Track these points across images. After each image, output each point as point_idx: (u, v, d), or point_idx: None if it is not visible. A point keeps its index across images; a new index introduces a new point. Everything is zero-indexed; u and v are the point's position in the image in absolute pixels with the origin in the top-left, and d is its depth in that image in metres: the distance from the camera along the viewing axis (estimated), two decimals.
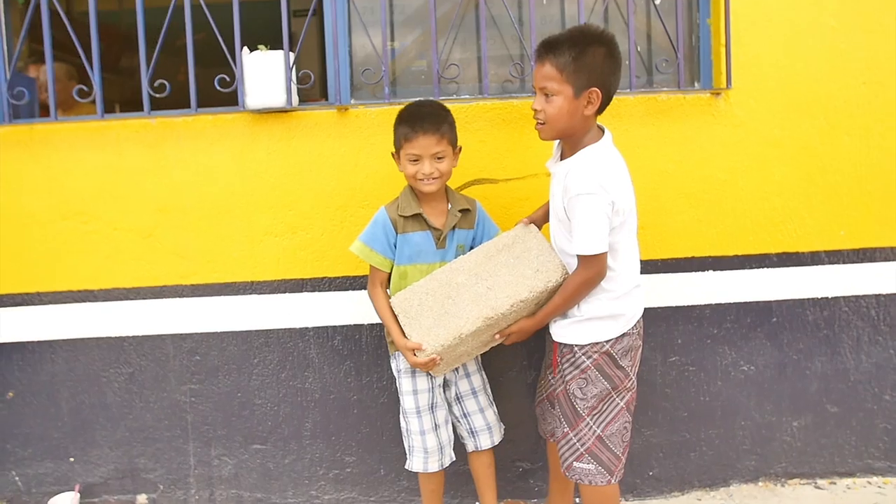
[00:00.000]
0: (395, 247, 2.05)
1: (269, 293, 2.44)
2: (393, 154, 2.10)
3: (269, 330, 2.46)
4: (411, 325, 1.96)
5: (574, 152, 1.89)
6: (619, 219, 1.85)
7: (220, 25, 2.33)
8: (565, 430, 1.97)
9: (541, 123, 1.88)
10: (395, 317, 2.00)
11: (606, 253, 1.84)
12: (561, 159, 1.95)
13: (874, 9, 2.43)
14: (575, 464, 1.95)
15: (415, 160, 2.00)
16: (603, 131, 1.93)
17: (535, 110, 1.87)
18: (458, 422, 2.19)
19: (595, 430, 1.92)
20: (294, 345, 2.46)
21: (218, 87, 2.34)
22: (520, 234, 2.02)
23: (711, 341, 2.50)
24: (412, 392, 2.11)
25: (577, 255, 1.85)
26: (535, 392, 2.29)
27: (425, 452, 2.10)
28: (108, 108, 2.46)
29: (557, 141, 1.99)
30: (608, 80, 1.85)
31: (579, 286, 1.87)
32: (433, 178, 2.01)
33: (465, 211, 2.10)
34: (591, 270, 1.85)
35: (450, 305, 1.94)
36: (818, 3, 2.42)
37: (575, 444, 1.94)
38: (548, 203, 2.12)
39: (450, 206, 2.09)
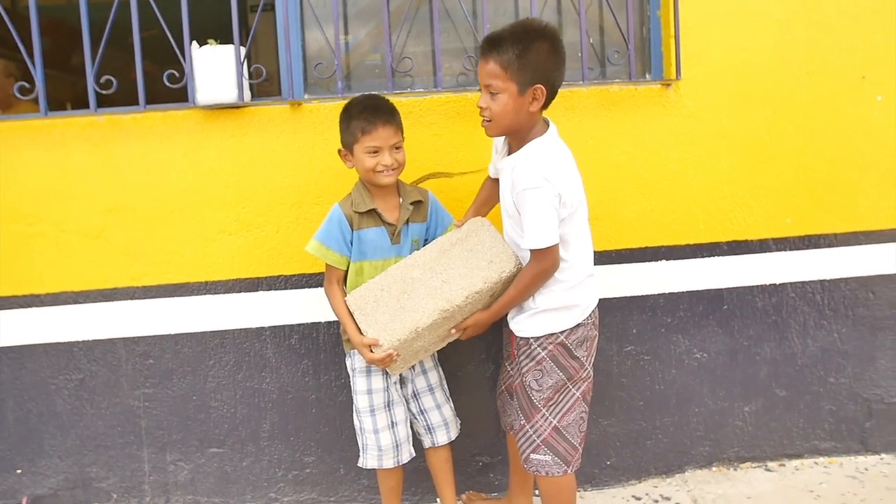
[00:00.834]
0: (352, 244, 2.04)
1: (224, 293, 2.40)
2: (340, 151, 2.07)
3: (225, 330, 2.41)
4: (367, 321, 1.95)
5: (520, 147, 1.90)
6: (567, 210, 1.86)
7: (173, 21, 2.27)
8: (522, 422, 1.99)
9: (487, 121, 1.88)
10: (352, 314, 1.99)
11: (558, 245, 1.85)
12: (508, 154, 1.96)
13: (816, 1, 2.50)
14: (532, 455, 1.97)
15: (374, 152, 1.98)
16: (548, 124, 1.94)
17: (481, 108, 1.87)
18: (415, 418, 2.19)
19: (551, 422, 1.94)
20: (250, 345, 2.42)
21: (167, 83, 2.28)
22: (473, 227, 2.03)
23: (665, 330, 2.55)
24: (366, 391, 2.11)
25: (530, 249, 1.87)
26: (494, 386, 2.31)
27: (379, 450, 2.09)
28: (59, 107, 2.39)
29: (504, 136, 1.99)
30: (552, 75, 1.86)
31: (533, 278, 1.89)
32: (392, 170, 2.01)
33: (417, 203, 2.10)
34: (544, 263, 1.86)
35: (405, 300, 1.93)
36: None
37: (531, 435, 1.96)
38: (479, 197, 2.16)
39: (401, 199, 2.09)
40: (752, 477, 2.57)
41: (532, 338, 1.95)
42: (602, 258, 2.47)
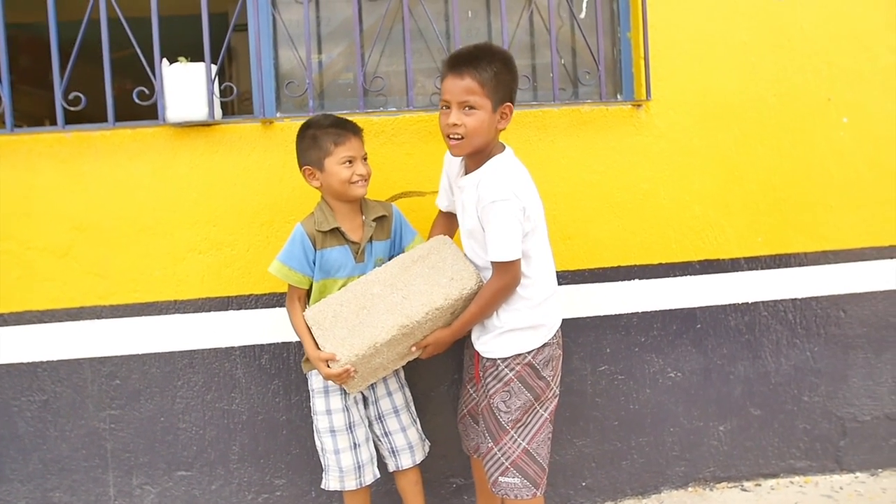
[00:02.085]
0: (314, 263, 2.02)
1: (193, 312, 2.36)
2: (306, 170, 2.05)
3: (194, 350, 2.38)
4: (325, 336, 1.93)
5: (477, 166, 1.92)
6: (530, 225, 1.88)
7: (151, 40, 2.28)
8: (489, 444, 1.96)
9: (457, 138, 1.86)
10: (310, 329, 1.97)
11: (520, 260, 1.85)
12: (465, 174, 1.97)
13: (781, 25, 2.56)
14: (500, 479, 1.94)
15: (349, 162, 1.99)
16: (503, 145, 1.97)
17: (454, 124, 1.84)
18: (379, 440, 2.15)
19: (520, 443, 1.92)
20: (220, 365, 2.39)
21: (137, 100, 2.27)
22: (435, 244, 2.02)
23: (639, 349, 2.54)
24: (325, 412, 2.08)
25: (492, 263, 1.87)
26: None
27: (340, 471, 2.06)
28: (38, 124, 2.36)
29: (462, 159, 2.00)
30: (514, 97, 1.92)
31: (495, 293, 1.88)
32: (365, 180, 2.02)
33: (380, 219, 2.09)
34: (506, 277, 1.86)
35: (364, 316, 1.91)
36: (729, 19, 2.53)
37: (500, 458, 1.93)
38: (437, 224, 2.16)
39: (364, 217, 2.08)
40: (729, 497, 2.55)
41: (499, 358, 1.94)
42: (575, 277, 2.47)
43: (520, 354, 1.92)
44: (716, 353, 2.58)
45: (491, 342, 1.95)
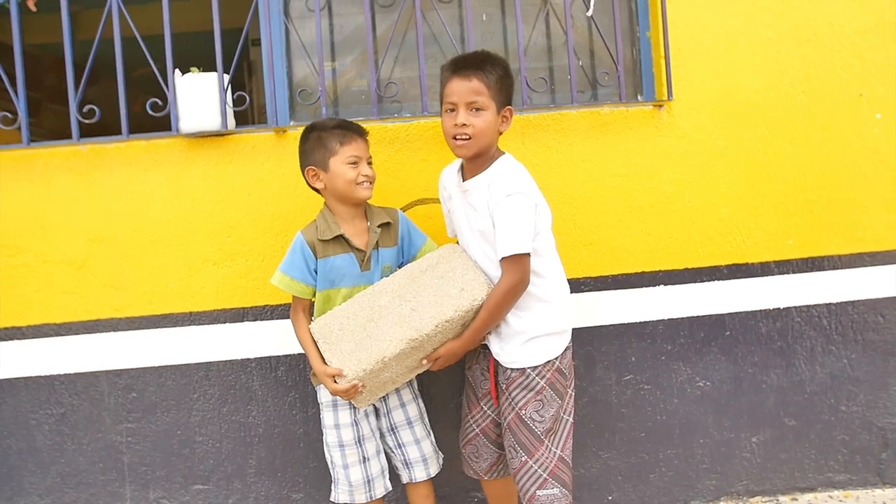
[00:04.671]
0: (316, 272, 1.98)
1: (209, 324, 2.34)
2: (310, 170, 1.99)
3: (210, 362, 2.35)
4: (331, 350, 1.87)
5: (482, 169, 1.91)
6: (541, 221, 1.87)
7: (173, 54, 2.29)
8: (523, 458, 1.89)
9: (465, 139, 1.85)
10: (316, 343, 1.92)
11: (529, 257, 1.82)
12: (463, 180, 1.95)
13: (807, 19, 2.47)
14: (538, 492, 1.87)
15: (355, 163, 1.95)
16: (501, 150, 1.97)
17: (462, 124, 1.83)
18: (392, 452, 2.09)
19: (556, 452, 1.88)
20: (236, 377, 2.36)
21: (150, 112, 2.27)
22: (444, 254, 1.97)
23: (666, 358, 2.45)
24: (334, 426, 2.03)
25: (502, 260, 1.82)
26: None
27: (350, 485, 2.01)
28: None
29: (457, 167, 1.99)
30: (511, 102, 1.93)
31: (505, 294, 1.83)
32: (371, 182, 1.99)
33: (385, 225, 2.04)
34: (516, 274, 1.81)
35: (372, 329, 1.86)
36: (753, 15, 2.45)
37: (536, 470, 1.87)
38: None
39: (369, 223, 2.03)
40: None
41: (529, 367, 1.89)
42: (597, 284, 2.40)
43: (549, 361, 1.89)
44: (746, 361, 2.48)
45: (517, 351, 1.89)
